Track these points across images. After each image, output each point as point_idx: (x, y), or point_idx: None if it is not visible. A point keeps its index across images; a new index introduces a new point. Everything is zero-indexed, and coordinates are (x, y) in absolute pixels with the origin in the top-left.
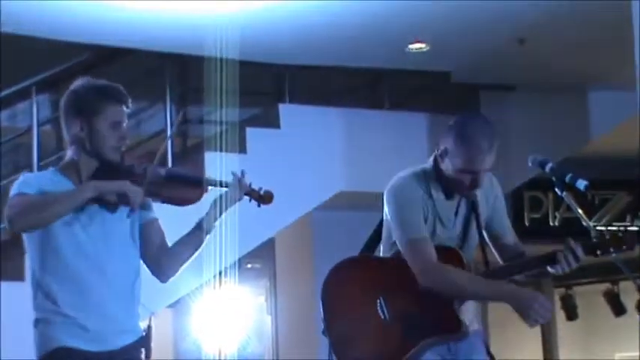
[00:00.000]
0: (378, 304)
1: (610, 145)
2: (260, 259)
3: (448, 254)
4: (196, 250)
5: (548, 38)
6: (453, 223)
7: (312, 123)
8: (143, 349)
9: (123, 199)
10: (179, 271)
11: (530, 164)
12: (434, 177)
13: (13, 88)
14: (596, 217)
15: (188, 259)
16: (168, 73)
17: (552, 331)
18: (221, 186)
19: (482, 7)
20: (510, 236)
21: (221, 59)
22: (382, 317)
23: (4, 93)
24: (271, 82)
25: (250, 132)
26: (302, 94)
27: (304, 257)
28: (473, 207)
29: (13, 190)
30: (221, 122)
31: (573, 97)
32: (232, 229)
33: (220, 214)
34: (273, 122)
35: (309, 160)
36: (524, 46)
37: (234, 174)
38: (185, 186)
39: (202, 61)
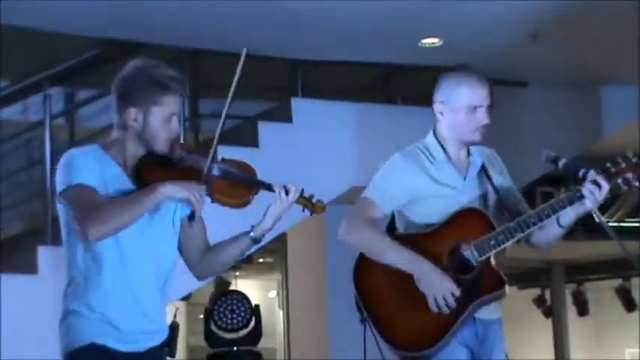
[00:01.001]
0: (416, 280)
1: (623, 142)
2: (272, 253)
3: (473, 215)
4: (240, 256)
5: (561, 34)
6: (462, 186)
7: (325, 117)
8: (167, 348)
9: (187, 202)
10: (217, 274)
11: (542, 160)
12: (436, 144)
13: (25, 82)
14: (608, 212)
15: (230, 263)
16: (181, 67)
17: (563, 326)
18: (271, 190)
19: (496, 2)
20: (522, 203)
21: (233, 53)
22: (421, 294)
23: (17, 87)
24: (284, 77)
25: (262, 126)
26: (315, 89)
27: (317, 252)
28: (483, 168)
29: (66, 176)
30: (233, 116)
31: (586, 94)
32: (244, 224)
33: (271, 223)
34: (285, 116)
35: (322, 154)
36: (537, 42)
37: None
38: (236, 187)
39: (214, 55)
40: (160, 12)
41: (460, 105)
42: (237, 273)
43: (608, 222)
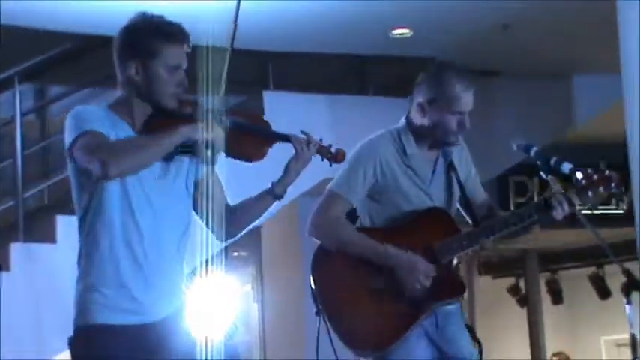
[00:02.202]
0: (373, 279)
1: (595, 131)
2: (246, 247)
3: (435, 214)
4: (262, 214)
5: (533, 24)
6: (430, 180)
7: (297, 110)
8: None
9: (202, 147)
10: (240, 234)
11: (515, 149)
12: (408, 134)
13: None
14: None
15: (252, 222)
16: None
17: (538, 315)
18: (288, 141)
19: None
20: (482, 196)
21: (206, 47)
22: (380, 291)
23: None
24: (255, 70)
25: None
26: (286, 81)
27: (291, 244)
28: (451, 164)
29: (75, 128)
30: (206, 110)
31: (558, 83)
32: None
33: (294, 178)
34: (257, 110)
35: None
36: (509, 32)
37: (303, 133)
38: (251, 139)
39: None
40: (133, 7)
41: (441, 110)
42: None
43: (581, 210)
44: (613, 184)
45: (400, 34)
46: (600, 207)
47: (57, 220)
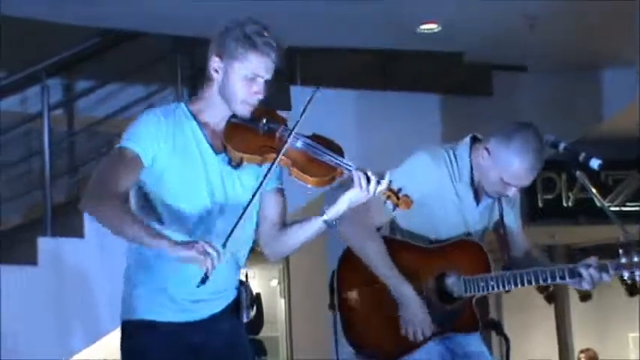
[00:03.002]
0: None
1: (624, 125)
2: None
3: (474, 249)
4: (311, 237)
5: (561, 18)
6: (473, 210)
7: (324, 105)
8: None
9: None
10: (286, 255)
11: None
12: (465, 164)
13: (24, 73)
14: (609, 197)
15: (300, 244)
16: (178, 56)
17: (566, 312)
18: (350, 172)
19: None
20: (521, 236)
21: None
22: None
23: (15, 77)
24: (283, 65)
25: None
26: (313, 76)
27: (318, 240)
28: (498, 199)
29: (124, 136)
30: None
31: (586, 77)
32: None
33: (344, 208)
34: (284, 104)
35: None
36: (537, 26)
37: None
38: (320, 164)
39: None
40: (158, 2)
41: (502, 173)
42: None
43: (609, 206)
44: None
45: (428, 30)
46: (629, 203)
47: (85, 215)
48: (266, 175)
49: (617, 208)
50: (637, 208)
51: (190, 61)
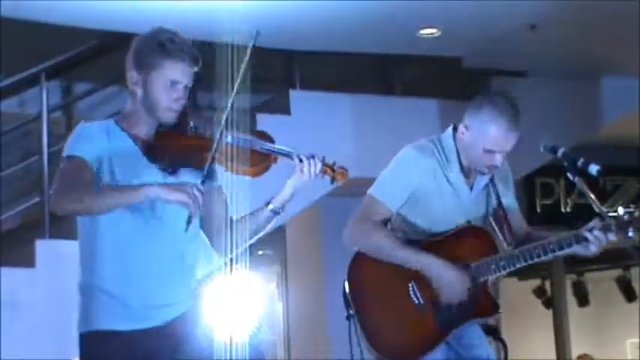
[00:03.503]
0: (410, 289)
1: (622, 132)
2: (271, 245)
3: (479, 233)
4: (262, 230)
5: (560, 24)
6: (468, 195)
7: (323, 109)
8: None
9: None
10: (240, 248)
11: (542, 150)
12: (451, 149)
13: (23, 75)
14: (608, 202)
15: (252, 238)
16: None
17: (564, 317)
18: (289, 157)
19: None
20: (520, 219)
21: (232, 46)
22: (416, 302)
23: (14, 79)
24: (282, 69)
25: (260, 118)
26: (313, 81)
27: (313, 244)
28: (491, 181)
29: (67, 147)
30: (231, 108)
31: (585, 84)
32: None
33: (292, 194)
34: (283, 108)
35: (319, 146)
36: (536, 32)
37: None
38: (253, 154)
39: (211, 46)
40: (160, 5)
41: (482, 143)
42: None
43: (608, 212)
44: None
45: (428, 34)
46: (627, 208)
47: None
48: (205, 174)
49: (615, 214)
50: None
51: None
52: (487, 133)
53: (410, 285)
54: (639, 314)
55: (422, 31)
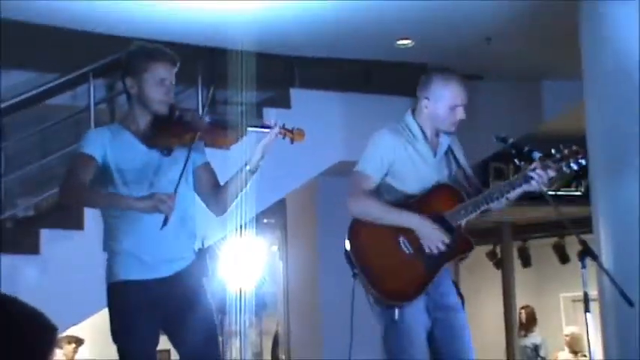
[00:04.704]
0: (401, 242)
1: (560, 127)
2: (274, 215)
3: (446, 189)
4: (243, 187)
5: (511, 37)
6: (433, 160)
7: (317, 104)
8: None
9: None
10: (230, 206)
11: (494, 140)
12: (415, 126)
13: (75, 74)
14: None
15: (237, 195)
16: (199, 62)
17: (511, 276)
18: (259, 127)
19: (456, 9)
20: (470, 171)
21: (242, 51)
22: (407, 252)
23: (68, 77)
24: (284, 71)
25: (266, 111)
26: (309, 81)
27: (310, 214)
28: (450, 148)
29: (78, 147)
30: (242, 103)
31: (530, 86)
32: (251, 191)
33: (262, 154)
34: (285, 103)
35: (315, 134)
36: (491, 43)
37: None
38: (225, 130)
39: (227, 53)
40: (179, 16)
41: (446, 103)
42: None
43: (547, 191)
44: (580, 155)
45: (403, 45)
46: (563, 189)
47: (85, 210)
48: (190, 147)
49: (553, 193)
50: (569, 193)
51: (208, 66)
52: (446, 93)
53: (400, 239)
54: (570, 274)
55: (398, 42)
